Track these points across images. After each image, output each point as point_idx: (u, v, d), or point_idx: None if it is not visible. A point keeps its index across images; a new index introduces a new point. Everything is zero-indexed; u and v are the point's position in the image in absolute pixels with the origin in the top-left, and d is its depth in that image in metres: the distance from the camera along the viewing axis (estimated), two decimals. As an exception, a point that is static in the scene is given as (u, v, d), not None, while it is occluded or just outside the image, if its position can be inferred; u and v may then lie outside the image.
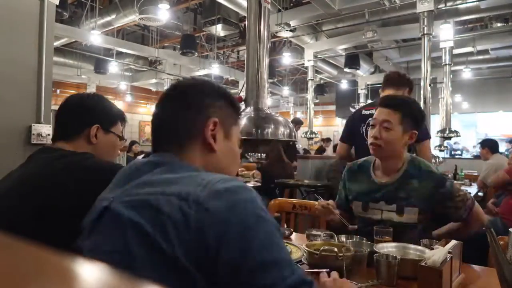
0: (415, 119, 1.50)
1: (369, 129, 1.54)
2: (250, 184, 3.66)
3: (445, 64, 5.36)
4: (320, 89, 9.82)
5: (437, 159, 4.18)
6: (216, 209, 0.60)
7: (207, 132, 0.77)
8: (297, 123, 6.24)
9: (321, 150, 8.63)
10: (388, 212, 1.48)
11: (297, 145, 9.70)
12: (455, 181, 4.44)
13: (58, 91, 10.33)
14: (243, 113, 1.48)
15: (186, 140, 0.77)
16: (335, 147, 9.42)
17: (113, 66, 8.69)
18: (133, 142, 7.27)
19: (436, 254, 0.99)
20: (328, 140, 9.53)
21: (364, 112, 2.48)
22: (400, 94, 1.86)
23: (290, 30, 5.68)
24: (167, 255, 0.59)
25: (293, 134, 1.61)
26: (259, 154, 1.64)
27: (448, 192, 1.44)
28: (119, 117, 1.23)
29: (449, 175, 3.41)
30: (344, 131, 2.62)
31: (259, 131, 1.48)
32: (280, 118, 1.61)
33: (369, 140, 1.50)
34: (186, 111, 0.78)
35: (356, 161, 1.66)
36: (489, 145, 4.73)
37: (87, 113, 1.15)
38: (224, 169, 0.80)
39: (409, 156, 1.53)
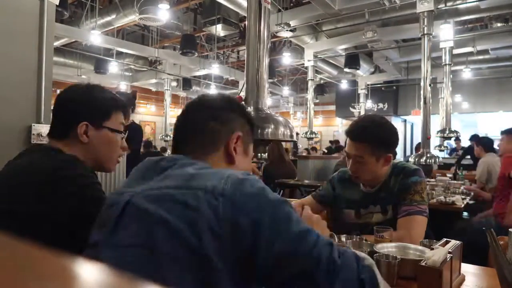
0: (386, 145, 1.49)
1: (346, 158, 1.57)
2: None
3: (445, 64, 5.36)
4: (320, 89, 9.83)
5: (437, 159, 4.18)
6: (241, 200, 0.64)
7: (231, 145, 0.82)
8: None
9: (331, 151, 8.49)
10: (376, 214, 1.55)
11: (298, 145, 9.67)
12: (455, 181, 4.43)
13: (58, 91, 10.30)
14: None
15: (211, 148, 0.81)
16: (337, 148, 9.42)
17: (113, 66, 8.70)
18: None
19: (436, 254, 0.99)
20: (337, 143, 9.30)
21: None
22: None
23: (290, 30, 5.68)
24: (194, 250, 0.61)
25: (293, 134, 1.61)
26: (259, 154, 1.64)
27: (409, 183, 1.48)
28: (114, 107, 1.07)
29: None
30: None
31: (259, 131, 1.48)
32: (280, 118, 1.61)
33: (349, 170, 1.55)
34: (213, 122, 0.82)
35: (346, 170, 1.65)
36: (483, 143, 4.73)
37: (72, 110, 1.03)
38: None
39: (392, 164, 1.56)
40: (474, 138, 5.16)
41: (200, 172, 0.70)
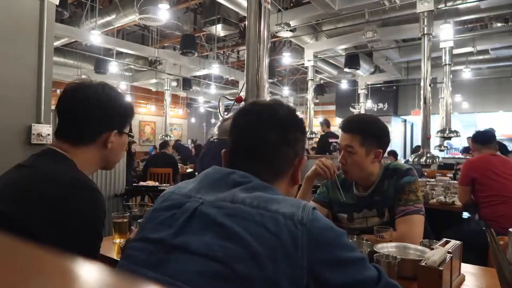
0: (377, 138, 1.52)
1: (338, 153, 1.59)
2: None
3: (445, 64, 5.36)
4: (320, 89, 9.82)
5: (437, 159, 4.17)
6: (318, 231, 0.65)
7: (298, 169, 0.84)
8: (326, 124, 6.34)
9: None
10: (372, 218, 1.56)
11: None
12: (455, 181, 4.43)
13: (58, 91, 10.33)
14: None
15: (279, 172, 0.82)
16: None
17: (113, 66, 8.69)
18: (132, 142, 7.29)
19: (436, 254, 0.99)
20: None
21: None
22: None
23: (290, 30, 5.68)
24: (268, 274, 0.61)
25: None
26: None
27: (402, 184, 1.49)
28: (131, 113, 1.10)
29: None
30: None
31: None
32: None
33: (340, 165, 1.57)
34: (285, 147, 0.81)
35: (340, 174, 1.65)
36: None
37: (107, 117, 1.01)
38: (293, 197, 0.87)
39: (383, 166, 1.58)
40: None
41: (276, 197, 0.70)
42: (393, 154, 5.90)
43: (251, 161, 0.80)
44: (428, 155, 4.05)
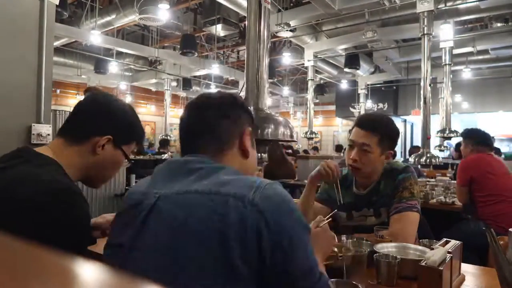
0: (392, 140, 1.52)
1: (347, 149, 1.57)
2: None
3: (445, 64, 5.36)
4: (320, 89, 9.83)
5: (437, 159, 4.17)
6: (270, 212, 0.65)
7: (246, 141, 0.85)
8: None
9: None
10: (370, 217, 1.56)
11: (297, 146, 9.65)
12: (455, 181, 4.42)
13: (58, 91, 10.34)
14: None
15: (226, 146, 0.83)
16: (336, 147, 9.42)
17: (113, 66, 8.70)
18: None
19: (436, 254, 0.99)
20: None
21: None
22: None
23: (290, 30, 5.68)
24: (220, 257, 0.62)
25: (293, 134, 1.61)
26: (259, 155, 1.64)
27: (396, 182, 1.49)
28: (138, 138, 1.09)
29: None
30: None
31: (259, 131, 1.48)
32: (280, 118, 1.61)
33: (348, 161, 1.54)
34: (226, 120, 0.84)
35: (341, 171, 1.65)
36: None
37: (106, 120, 1.00)
38: (252, 173, 0.90)
39: (384, 167, 1.57)
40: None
41: (230, 179, 0.71)
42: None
43: (196, 141, 0.83)
44: (428, 155, 4.05)
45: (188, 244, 0.64)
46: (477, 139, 2.87)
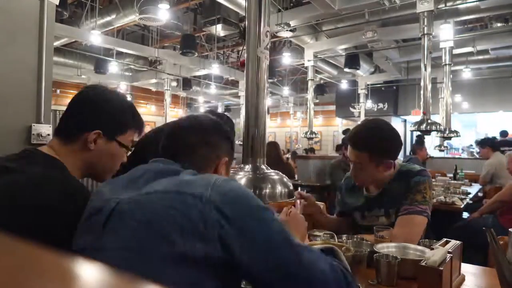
0: (385, 152, 1.52)
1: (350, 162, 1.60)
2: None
3: (445, 64, 5.35)
4: (320, 89, 9.81)
5: (438, 126, 4.11)
6: (227, 206, 0.67)
7: (221, 170, 0.89)
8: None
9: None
10: (381, 217, 1.58)
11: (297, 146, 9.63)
12: (455, 181, 4.43)
13: (58, 91, 10.33)
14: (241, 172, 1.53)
15: (201, 172, 0.83)
16: (337, 147, 9.43)
17: (113, 66, 8.69)
18: None
19: (436, 254, 0.99)
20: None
21: None
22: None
23: (290, 30, 5.67)
24: (181, 252, 0.63)
25: (291, 190, 1.56)
26: None
27: (411, 184, 1.49)
28: (133, 125, 1.04)
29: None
30: None
31: (257, 191, 1.44)
32: (276, 177, 1.55)
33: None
34: (205, 148, 0.87)
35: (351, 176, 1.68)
36: (489, 144, 4.72)
37: (92, 114, 0.97)
38: None
39: (398, 167, 1.58)
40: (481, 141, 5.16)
41: (189, 179, 0.73)
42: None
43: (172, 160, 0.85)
44: (429, 121, 3.94)
45: (151, 241, 0.65)
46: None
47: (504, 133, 6.46)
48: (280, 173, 1.59)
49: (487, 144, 4.73)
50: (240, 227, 0.66)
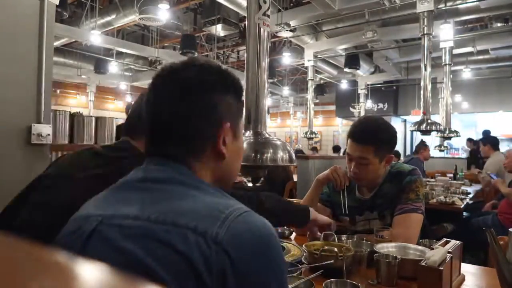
0: (389, 145, 1.52)
1: (347, 160, 1.57)
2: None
3: (445, 64, 5.35)
4: (320, 89, 9.82)
5: (438, 126, 4.10)
6: (238, 254, 0.52)
7: (220, 142, 0.65)
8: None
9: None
10: (373, 220, 1.56)
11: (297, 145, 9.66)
12: (455, 181, 4.43)
13: (58, 91, 10.33)
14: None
15: (196, 149, 0.65)
16: (335, 148, 9.43)
17: (113, 66, 8.69)
18: None
19: (436, 254, 0.99)
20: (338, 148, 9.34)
21: None
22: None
23: (290, 30, 5.67)
24: None
25: (292, 158, 1.57)
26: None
27: (403, 184, 1.49)
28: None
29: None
30: None
31: (258, 156, 1.45)
32: (279, 142, 1.57)
33: (349, 172, 1.55)
34: (197, 119, 0.64)
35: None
36: (491, 142, 4.71)
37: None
38: (233, 172, 0.73)
39: (387, 168, 1.58)
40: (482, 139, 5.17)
41: (188, 206, 0.56)
42: (396, 154, 5.91)
43: (163, 138, 0.65)
44: (429, 121, 3.94)
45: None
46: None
47: (486, 133, 6.45)
48: (282, 140, 1.59)
49: (489, 142, 4.72)
50: (251, 284, 0.52)
